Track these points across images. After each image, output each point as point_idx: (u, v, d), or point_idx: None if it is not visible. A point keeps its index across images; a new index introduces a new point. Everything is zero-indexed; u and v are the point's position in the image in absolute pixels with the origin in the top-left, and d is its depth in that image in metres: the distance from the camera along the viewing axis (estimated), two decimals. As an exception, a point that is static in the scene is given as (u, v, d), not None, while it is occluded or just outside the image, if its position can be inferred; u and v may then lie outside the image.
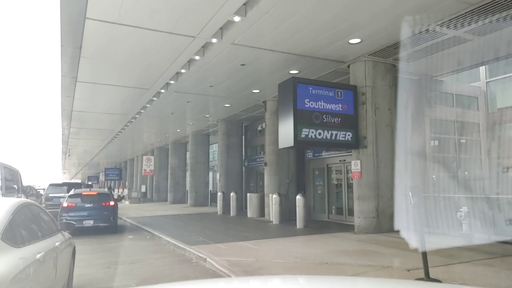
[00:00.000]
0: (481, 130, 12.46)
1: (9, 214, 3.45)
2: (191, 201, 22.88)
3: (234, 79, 12.02)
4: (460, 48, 8.99)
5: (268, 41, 8.90)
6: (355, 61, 10.13)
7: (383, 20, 7.85)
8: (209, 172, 24.41)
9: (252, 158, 19.49)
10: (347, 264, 6.36)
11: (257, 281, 2.36)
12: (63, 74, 11.67)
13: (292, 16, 7.66)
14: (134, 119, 18.41)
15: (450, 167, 12.13)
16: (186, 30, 8.35)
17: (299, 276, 5.07)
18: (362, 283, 2.31)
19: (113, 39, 8.85)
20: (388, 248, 7.60)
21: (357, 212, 9.94)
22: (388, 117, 9.99)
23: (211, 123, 20.19)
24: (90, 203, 11.78)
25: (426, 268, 5.03)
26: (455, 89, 12.55)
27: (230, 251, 7.74)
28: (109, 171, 39.89)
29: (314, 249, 7.84)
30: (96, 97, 14.50)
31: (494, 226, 8.23)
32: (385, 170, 9.73)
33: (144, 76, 11.74)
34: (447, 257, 6.53)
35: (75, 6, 7.40)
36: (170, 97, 14.04)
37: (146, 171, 26.58)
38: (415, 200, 5.36)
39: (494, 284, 5.29)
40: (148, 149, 32.35)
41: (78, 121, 19.29)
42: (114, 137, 24.81)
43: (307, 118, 9.32)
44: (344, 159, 12.87)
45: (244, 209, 17.39)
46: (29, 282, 3.20)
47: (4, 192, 12.08)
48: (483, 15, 7.39)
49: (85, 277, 6.32)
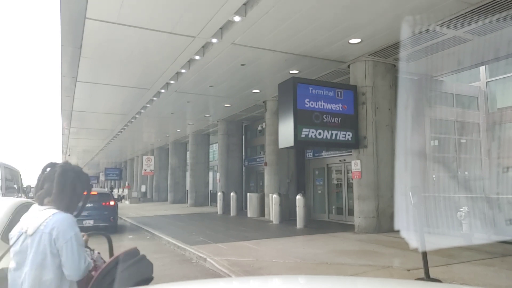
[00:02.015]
0: (481, 130, 12.46)
1: (9, 214, 3.45)
2: (191, 201, 22.88)
3: (234, 79, 12.02)
4: (460, 48, 8.99)
5: (268, 41, 8.90)
6: (355, 61, 10.12)
7: (383, 20, 7.85)
8: (209, 172, 24.41)
9: (252, 158, 19.49)
10: (347, 264, 6.36)
11: (257, 281, 2.36)
12: (63, 74, 11.67)
13: (292, 16, 7.66)
14: (134, 119, 18.41)
15: (450, 167, 12.13)
16: (186, 30, 8.35)
17: (299, 276, 5.07)
18: (362, 283, 2.31)
19: (113, 39, 8.85)
20: (388, 248, 7.60)
21: (357, 212, 9.94)
22: (388, 117, 9.99)
23: (211, 123, 20.19)
24: (90, 203, 11.76)
25: (426, 268, 5.03)
26: (455, 89, 12.55)
27: (230, 251, 7.74)
28: (109, 171, 39.88)
29: (314, 249, 7.84)
30: (96, 97, 14.50)
31: (494, 226, 8.23)
32: (385, 170, 9.73)
33: (144, 76, 11.74)
34: (447, 257, 6.53)
35: (75, 6, 7.40)
36: (170, 97, 14.04)
37: (146, 171, 26.59)
38: (415, 200, 5.36)
39: (494, 284, 5.29)
40: (148, 149, 32.34)
41: (78, 121, 19.28)
42: (114, 137, 24.81)
43: (307, 118, 9.32)
44: (344, 159, 12.87)
45: (244, 209, 17.38)
46: (29, 282, 3.20)
47: (4, 192, 12.09)
48: (483, 15, 7.38)
49: (85, 277, 6.30)
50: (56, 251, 1.97)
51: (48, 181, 2.09)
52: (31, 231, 1.99)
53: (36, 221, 2.00)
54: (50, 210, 2.04)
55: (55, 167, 2.14)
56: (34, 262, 1.95)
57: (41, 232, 1.97)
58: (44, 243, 1.96)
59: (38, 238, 1.96)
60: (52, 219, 2.00)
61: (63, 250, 1.97)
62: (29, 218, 2.05)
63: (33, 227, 1.99)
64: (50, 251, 1.96)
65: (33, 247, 1.96)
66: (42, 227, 1.98)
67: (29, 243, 1.98)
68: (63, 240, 1.97)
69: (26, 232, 2.00)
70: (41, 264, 1.95)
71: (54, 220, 1.99)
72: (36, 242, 1.96)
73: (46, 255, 1.95)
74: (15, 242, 2.00)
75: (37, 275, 1.94)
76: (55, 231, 1.97)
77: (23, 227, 2.03)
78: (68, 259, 1.96)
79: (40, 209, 2.05)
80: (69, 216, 2.07)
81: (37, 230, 1.98)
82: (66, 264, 1.97)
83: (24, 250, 1.99)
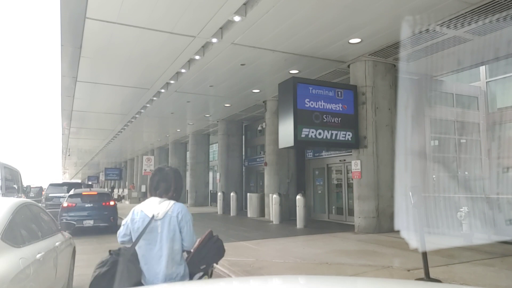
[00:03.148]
0: (481, 130, 12.46)
1: (9, 214, 3.44)
2: (191, 201, 22.88)
3: (234, 79, 12.01)
4: (460, 48, 8.99)
5: (268, 41, 8.90)
6: (355, 61, 10.12)
7: (383, 20, 7.85)
8: (209, 172, 24.41)
9: (252, 158, 19.49)
10: (347, 264, 6.36)
11: (257, 281, 2.36)
12: (63, 74, 11.67)
13: (292, 16, 7.65)
14: (134, 119, 18.41)
15: (450, 167, 12.13)
16: (186, 30, 8.35)
17: (299, 276, 5.07)
18: (362, 283, 2.31)
19: (113, 39, 8.85)
20: (388, 248, 7.60)
21: (357, 212, 9.94)
22: (388, 117, 9.98)
23: (211, 123, 20.19)
24: (90, 203, 11.78)
25: (426, 268, 5.02)
26: (455, 89, 12.54)
27: (230, 251, 7.69)
28: (109, 171, 39.87)
29: (314, 249, 7.84)
30: (96, 97, 14.49)
31: (494, 226, 8.23)
32: (385, 170, 9.73)
33: (144, 76, 11.74)
34: (447, 257, 6.53)
35: (75, 6, 7.40)
36: (170, 97, 14.04)
37: (146, 171, 26.53)
38: (415, 200, 5.36)
39: (494, 284, 5.28)
40: (148, 149, 32.34)
41: (78, 121, 19.28)
42: (114, 137, 24.81)
43: (307, 118, 9.32)
44: (344, 159, 12.87)
45: (244, 209, 17.38)
46: (29, 282, 3.20)
47: (4, 192, 12.09)
48: (483, 15, 7.39)
49: (85, 277, 6.28)
50: (179, 229, 2.76)
51: (164, 181, 2.87)
52: (161, 216, 2.74)
53: (162, 209, 2.76)
54: (168, 201, 2.81)
55: (164, 170, 2.95)
56: (168, 237, 2.73)
57: (170, 216, 2.76)
58: (173, 223, 2.75)
59: (168, 220, 2.75)
60: (175, 206, 2.79)
61: (184, 228, 2.77)
62: (153, 207, 2.78)
63: (162, 213, 2.75)
64: (178, 229, 2.75)
65: (165, 227, 2.74)
66: (170, 212, 2.76)
67: (159, 224, 2.74)
68: (185, 221, 2.78)
69: (155, 217, 2.72)
70: (172, 238, 2.74)
71: (177, 207, 2.80)
72: (166, 223, 2.74)
73: (175, 232, 2.75)
74: (146, 225, 2.69)
75: (171, 246, 2.73)
76: (180, 214, 2.78)
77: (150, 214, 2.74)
78: (187, 235, 2.78)
79: (160, 201, 2.81)
80: (184, 205, 2.89)
81: (165, 214, 2.75)
82: (185, 238, 2.78)
83: (154, 230, 2.73)
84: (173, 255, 2.72)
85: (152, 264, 2.71)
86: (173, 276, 2.72)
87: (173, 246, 2.73)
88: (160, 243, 2.72)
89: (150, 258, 2.72)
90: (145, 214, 2.76)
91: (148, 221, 2.71)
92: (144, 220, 2.73)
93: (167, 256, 2.70)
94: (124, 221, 2.86)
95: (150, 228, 2.70)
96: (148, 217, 2.73)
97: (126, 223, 2.82)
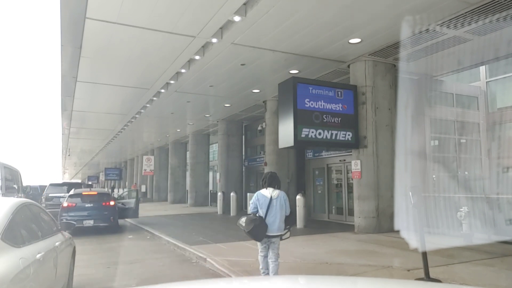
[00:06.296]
0: (481, 130, 12.45)
1: (9, 214, 3.44)
2: (191, 201, 22.88)
3: (234, 79, 12.01)
4: (460, 48, 8.99)
5: (268, 41, 8.90)
6: (355, 61, 10.12)
7: (383, 20, 7.85)
8: (209, 172, 24.41)
9: (252, 158, 19.49)
10: (347, 264, 6.37)
11: (257, 281, 2.36)
12: (63, 74, 11.67)
13: (292, 16, 7.66)
14: (134, 119, 18.41)
15: (450, 167, 12.13)
16: (186, 30, 8.35)
17: (299, 276, 5.08)
18: (362, 283, 2.31)
19: (113, 39, 8.85)
20: (388, 248, 7.60)
21: (357, 212, 9.94)
22: (388, 117, 9.98)
23: (211, 123, 20.19)
24: (90, 203, 11.77)
25: (426, 268, 5.03)
26: (455, 89, 12.54)
27: (230, 251, 7.74)
28: (109, 171, 39.82)
29: (314, 249, 7.85)
30: (96, 97, 14.50)
31: (494, 226, 8.23)
32: (385, 170, 9.73)
33: (144, 76, 11.74)
34: (447, 257, 6.53)
35: (75, 6, 7.40)
36: (170, 97, 14.04)
37: (146, 171, 26.51)
38: (415, 200, 5.36)
39: (494, 284, 5.29)
40: (148, 149, 32.34)
41: (78, 121, 19.28)
42: (114, 137, 24.81)
43: (307, 118, 9.32)
44: (344, 159, 12.86)
45: (244, 209, 17.36)
46: (29, 282, 3.20)
47: (4, 192, 12.09)
48: (483, 15, 7.39)
49: (85, 277, 6.31)
50: (284, 204, 5.12)
51: (273, 180, 5.21)
52: (275, 196, 5.09)
53: (276, 193, 5.11)
54: (276, 190, 5.16)
55: (272, 174, 5.32)
56: (281, 208, 5.08)
57: (280, 196, 5.12)
58: (282, 201, 5.11)
59: (279, 199, 5.10)
60: (281, 193, 5.18)
61: (285, 204, 5.15)
62: (269, 193, 5.11)
63: (276, 195, 5.10)
64: (283, 203, 5.12)
65: (278, 203, 5.06)
66: (280, 195, 5.14)
67: (274, 201, 5.06)
68: (285, 200, 5.17)
69: (273, 197, 5.06)
70: (281, 208, 5.07)
71: (282, 193, 5.20)
72: (279, 201, 5.08)
73: (283, 205, 5.11)
74: (269, 202, 5.04)
75: (282, 214, 5.09)
76: (284, 196, 5.18)
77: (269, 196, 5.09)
78: (287, 208, 5.16)
79: (273, 190, 5.14)
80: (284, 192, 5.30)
81: (278, 196, 5.10)
82: (287, 210, 5.15)
83: (272, 204, 5.05)
84: (281, 217, 5.06)
85: (271, 222, 5.00)
86: (281, 228, 5.10)
87: (282, 214, 5.07)
88: (275, 211, 5.03)
89: (271, 219, 5.00)
90: (265, 196, 5.09)
91: (269, 200, 5.04)
92: (265, 199, 5.06)
93: (279, 218, 5.03)
94: (251, 200, 5.20)
95: (270, 204, 5.03)
96: (268, 198, 5.06)
97: (254, 202, 5.12)
